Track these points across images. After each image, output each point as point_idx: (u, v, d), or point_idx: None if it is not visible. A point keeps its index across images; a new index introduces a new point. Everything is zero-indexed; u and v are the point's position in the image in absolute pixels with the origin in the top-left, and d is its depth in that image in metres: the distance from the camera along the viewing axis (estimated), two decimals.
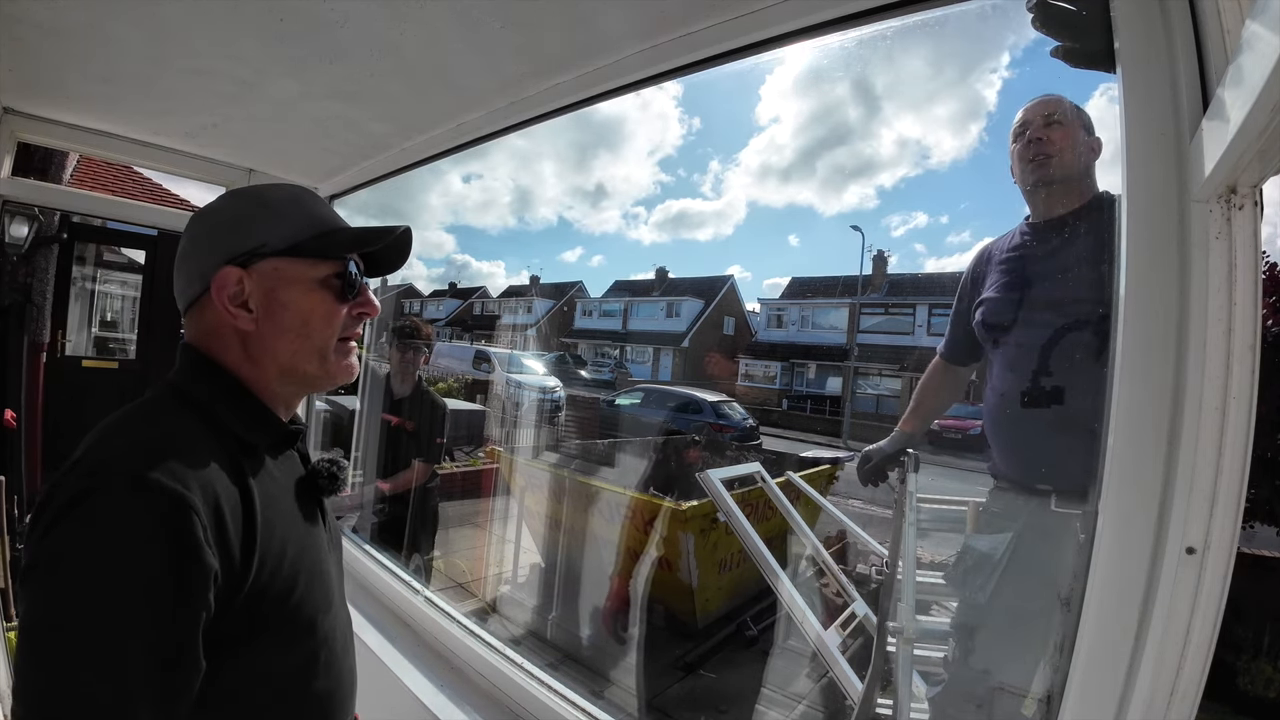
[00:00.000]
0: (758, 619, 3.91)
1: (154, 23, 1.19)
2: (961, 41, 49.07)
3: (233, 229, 0.65)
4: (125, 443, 0.56)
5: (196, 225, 0.67)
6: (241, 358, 0.65)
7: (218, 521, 0.54)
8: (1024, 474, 1.21)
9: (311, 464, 0.72)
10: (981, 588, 1.22)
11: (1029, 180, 1.25)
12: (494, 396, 10.85)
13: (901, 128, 57.34)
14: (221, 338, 0.64)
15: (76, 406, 4.84)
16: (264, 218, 0.65)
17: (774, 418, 19.67)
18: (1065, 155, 1.21)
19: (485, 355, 15.71)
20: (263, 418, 0.66)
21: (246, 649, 0.57)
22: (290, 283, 0.64)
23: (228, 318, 0.63)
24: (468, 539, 5.25)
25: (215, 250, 0.64)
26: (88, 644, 0.48)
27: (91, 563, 0.49)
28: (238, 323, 0.63)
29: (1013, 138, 1.27)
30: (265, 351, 0.64)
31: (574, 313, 33.30)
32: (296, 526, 0.65)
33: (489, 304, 37.55)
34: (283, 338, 0.64)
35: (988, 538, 1.25)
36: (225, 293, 0.62)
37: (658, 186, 62.90)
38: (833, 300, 24.21)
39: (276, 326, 0.64)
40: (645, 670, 3.15)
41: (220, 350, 0.65)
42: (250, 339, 0.64)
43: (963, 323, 1.38)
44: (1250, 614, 3.72)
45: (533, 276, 38.83)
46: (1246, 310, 0.57)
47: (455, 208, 69.28)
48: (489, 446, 6.49)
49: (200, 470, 0.55)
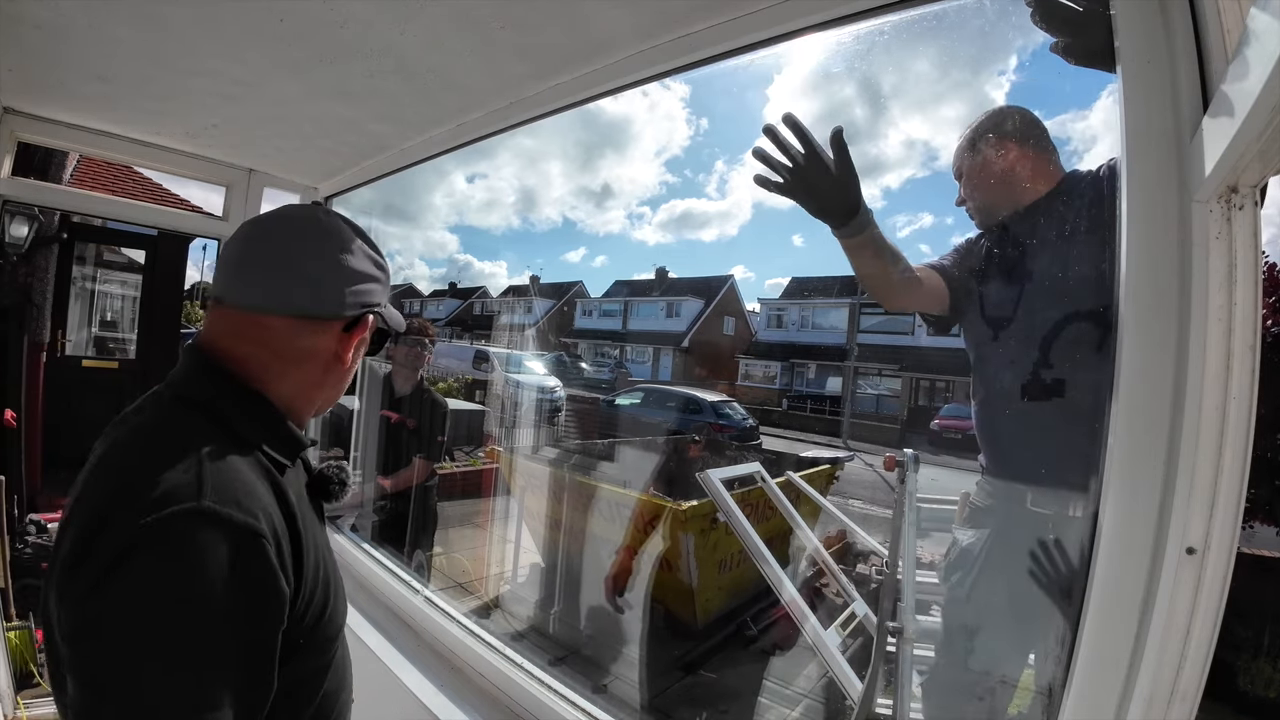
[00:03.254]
0: (758, 619, 3.92)
1: (154, 23, 1.19)
2: (967, 42, 49.12)
3: (374, 281, 0.69)
4: (179, 473, 0.51)
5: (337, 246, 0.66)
6: (308, 384, 0.66)
7: (278, 546, 0.54)
8: (1004, 470, 1.22)
9: (318, 469, 0.73)
10: (961, 582, 1.23)
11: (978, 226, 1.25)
12: (494, 396, 10.85)
13: (908, 128, 57.41)
14: (308, 360, 0.65)
15: (76, 406, 4.85)
16: (385, 279, 0.72)
17: (774, 417, 19.67)
18: (976, 196, 1.21)
19: (485, 355, 15.72)
20: (291, 437, 0.65)
21: (290, 661, 0.57)
22: (365, 340, 0.71)
23: (338, 352, 0.66)
24: (468, 539, 5.25)
25: (361, 293, 0.67)
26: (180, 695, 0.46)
27: (176, 610, 0.46)
28: (345, 361, 0.67)
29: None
30: (333, 386, 0.70)
31: (574, 312, 33.31)
32: (320, 536, 0.67)
33: (489, 304, 37.55)
34: (347, 380, 0.72)
35: (970, 532, 1.25)
36: (358, 336, 0.67)
37: (663, 186, 62.99)
38: (833, 300, 24.21)
39: (351, 371, 0.71)
40: (645, 670, 3.15)
41: (288, 368, 0.64)
42: (333, 374, 0.68)
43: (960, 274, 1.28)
44: (1250, 614, 3.72)
45: (532, 276, 38.87)
46: (1246, 310, 0.57)
47: (459, 207, 69.29)
48: (489, 446, 6.49)
49: (257, 495, 0.54)
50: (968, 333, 1.27)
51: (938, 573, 1.35)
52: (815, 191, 0.95)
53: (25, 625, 2.58)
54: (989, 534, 1.21)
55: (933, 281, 1.21)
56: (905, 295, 1.18)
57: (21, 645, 2.51)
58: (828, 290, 24.62)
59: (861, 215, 0.97)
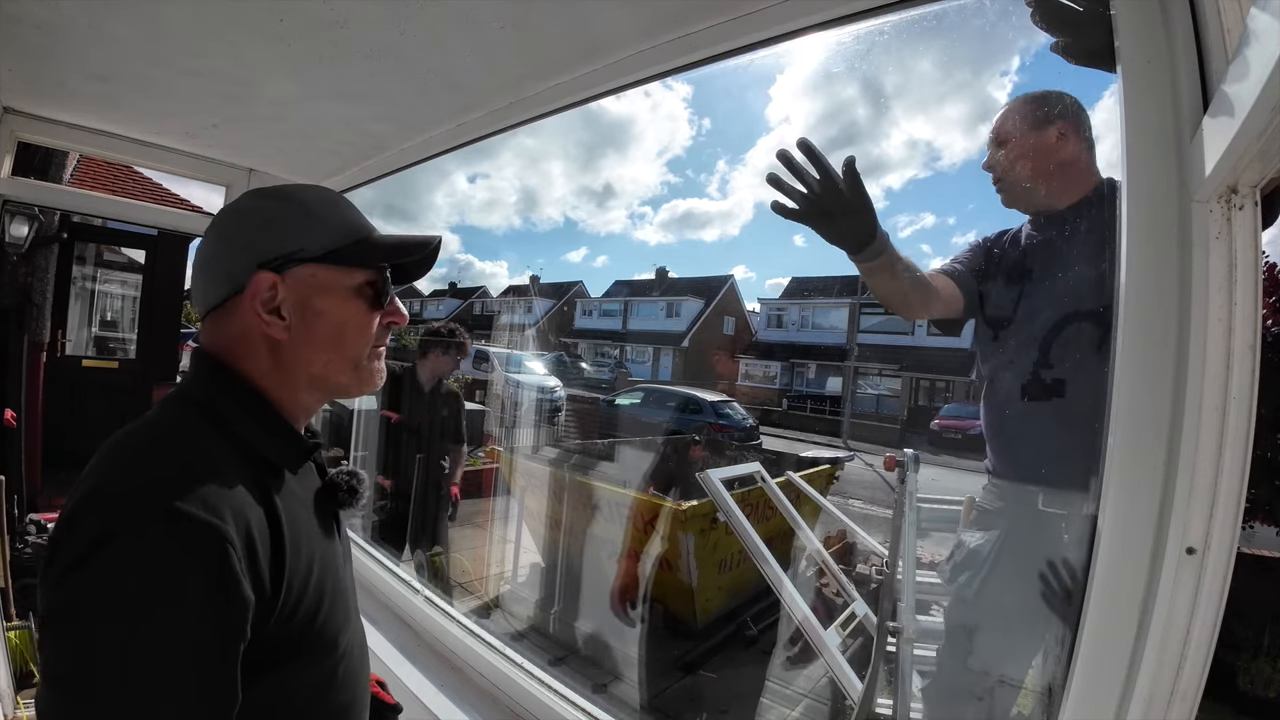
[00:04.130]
0: (758, 619, 3.92)
1: (154, 23, 1.19)
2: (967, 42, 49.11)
3: (266, 231, 0.62)
4: (149, 470, 0.52)
5: (225, 225, 0.64)
6: (269, 367, 0.62)
7: (249, 550, 0.52)
8: (1013, 471, 1.21)
9: (330, 476, 0.70)
10: (969, 583, 1.23)
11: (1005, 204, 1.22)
12: (494, 396, 10.85)
13: (911, 129, 57.38)
14: (248, 345, 0.61)
15: (76, 406, 4.85)
16: (300, 221, 0.63)
17: (774, 417, 19.68)
18: (1018, 171, 1.16)
19: (485, 355, 15.71)
20: (285, 432, 0.63)
21: (274, 672, 0.55)
22: (325, 290, 0.62)
23: (259, 324, 0.60)
24: (468, 539, 5.24)
25: (247, 252, 0.61)
26: (125, 697, 0.46)
27: (126, 608, 0.46)
28: (270, 330, 0.60)
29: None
30: (297, 361, 0.62)
31: (574, 312, 33.31)
32: (319, 543, 0.63)
33: (489, 304, 37.54)
34: (316, 347, 0.62)
35: (978, 533, 1.25)
36: (259, 298, 0.60)
37: (664, 186, 63.02)
38: (833, 300, 24.22)
39: (310, 336, 0.62)
40: (645, 670, 3.15)
41: (244, 359, 0.62)
42: (281, 348, 0.61)
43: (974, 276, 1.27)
44: (1250, 614, 3.72)
45: (532, 276, 38.85)
46: (1246, 310, 0.57)
47: (460, 207, 69.22)
48: (489, 446, 6.49)
49: (230, 495, 0.52)
50: (979, 334, 1.27)
51: (940, 573, 1.35)
52: (831, 220, 0.95)
53: (25, 625, 2.59)
54: (998, 535, 1.20)
55: (947, 289, 1.21)
56: (922, 307, 1.18)
57: (21, 645, 2.51)
58: (828, 290, 24.64)
59: (877, 241, 0.97)
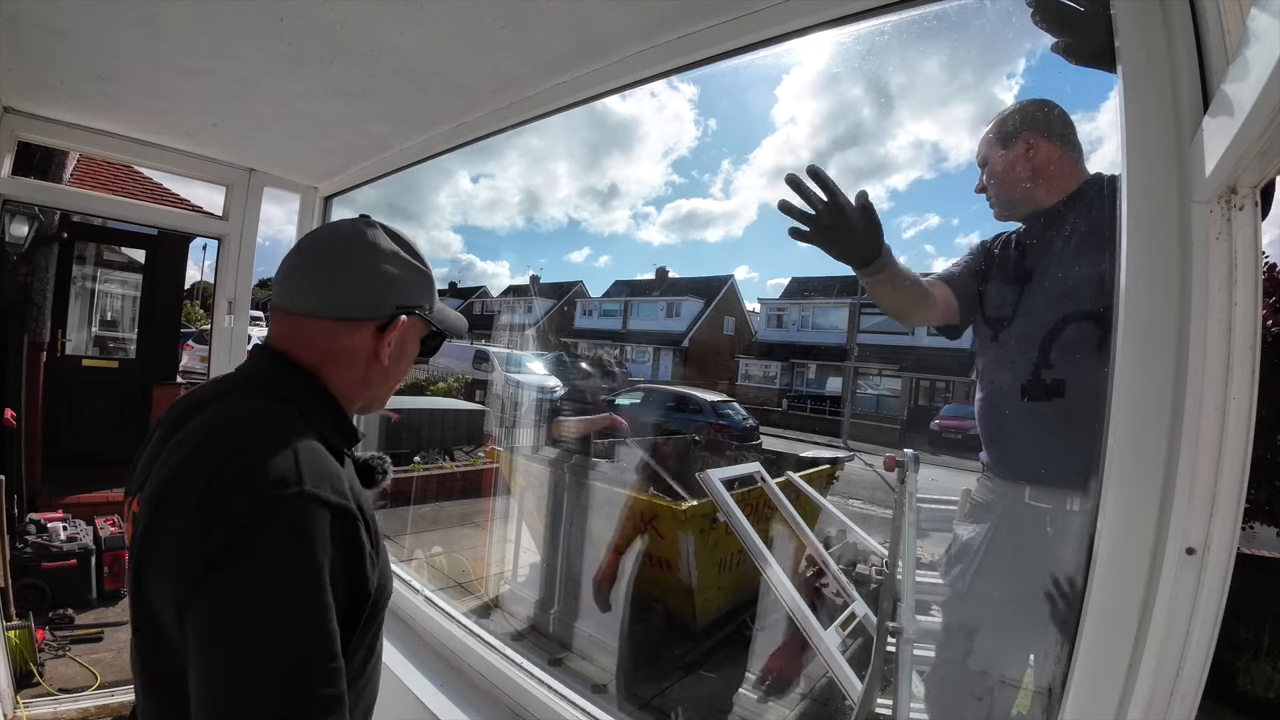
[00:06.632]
0: (757, 619, 3.91)
1: (154, 23, 1.19)
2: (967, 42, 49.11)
3: (413, 286, 0.76)
4: (286, 458, 0.59)
5: (377, 260, 0.73)
6: (356, 381, 0.73)
7: (367, 526, 0.62)
8: (1003, 466, 1.22)
9: (364, 460, 0.79)
10: (961, 576, 1.23)
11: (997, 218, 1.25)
12: (494, 396, 10.84)
13: (916, 129, 57.32)
14: (353, 360, 0.72)
15: (76, 406, 4.84)
16: (426, 284, 0.78)
17: (774, 417, 19.68)
18: (1001, 188, 1.20)
19: (485, 355, 15.70)
20: (351, 429, 0.73)
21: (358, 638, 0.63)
22: (414, 338, 0.78)
23: (376, 350, 0.73)
24: (468, 539, 5.25)
25: (391, 291, 0.73)
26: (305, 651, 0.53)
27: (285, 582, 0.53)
28: (381, 357, 0.73)
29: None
30: (377, 384, 0.76)
31: (574, 312, 33.28)
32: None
33: (489, 303, 37.53)
34: (391, 376, 0.78)
35: (970, 526, 1.26)
36: (394, 334, 0.73)
37: (668, 187, 62.51)
38: (833, 300, 24.21)
39: (395, 368, 0.77)
40: (645, 669, 3.15)
41: (342, 368, 0.72)
42: (374, 370, 0.74)
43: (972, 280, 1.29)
44: (1250, 614, 3.72)
45: (533, 276, 38.84)
46: (1246, 310, 0.57)
47: (463, 207, 68.96)
48: (489, 446, 6.49)
49: (345, 481, 0.62)
50: (978, 333, 1.29)
51: (939, 570, 1.35)
52: (839, 243, 0.99)
53: (25, 625, 2.58)
54: (989, 528, 1.21)
55: (944, 297, 1.25)
56: (919, 315, 1.23)
57: (21, 645, 2.50)
58: (828, 290, 24.62)
59: (882, 258, 1.01)
